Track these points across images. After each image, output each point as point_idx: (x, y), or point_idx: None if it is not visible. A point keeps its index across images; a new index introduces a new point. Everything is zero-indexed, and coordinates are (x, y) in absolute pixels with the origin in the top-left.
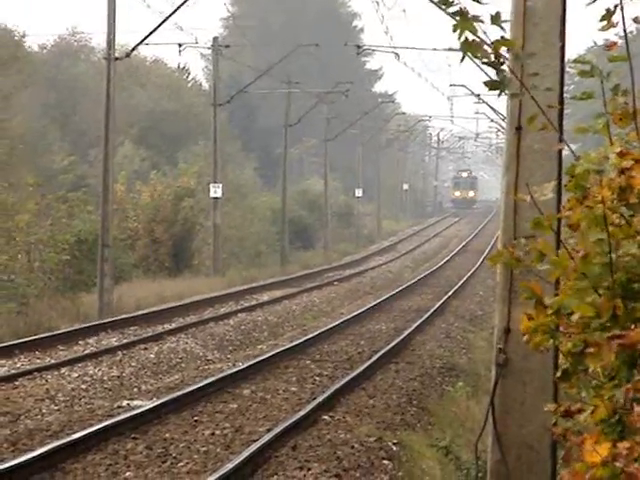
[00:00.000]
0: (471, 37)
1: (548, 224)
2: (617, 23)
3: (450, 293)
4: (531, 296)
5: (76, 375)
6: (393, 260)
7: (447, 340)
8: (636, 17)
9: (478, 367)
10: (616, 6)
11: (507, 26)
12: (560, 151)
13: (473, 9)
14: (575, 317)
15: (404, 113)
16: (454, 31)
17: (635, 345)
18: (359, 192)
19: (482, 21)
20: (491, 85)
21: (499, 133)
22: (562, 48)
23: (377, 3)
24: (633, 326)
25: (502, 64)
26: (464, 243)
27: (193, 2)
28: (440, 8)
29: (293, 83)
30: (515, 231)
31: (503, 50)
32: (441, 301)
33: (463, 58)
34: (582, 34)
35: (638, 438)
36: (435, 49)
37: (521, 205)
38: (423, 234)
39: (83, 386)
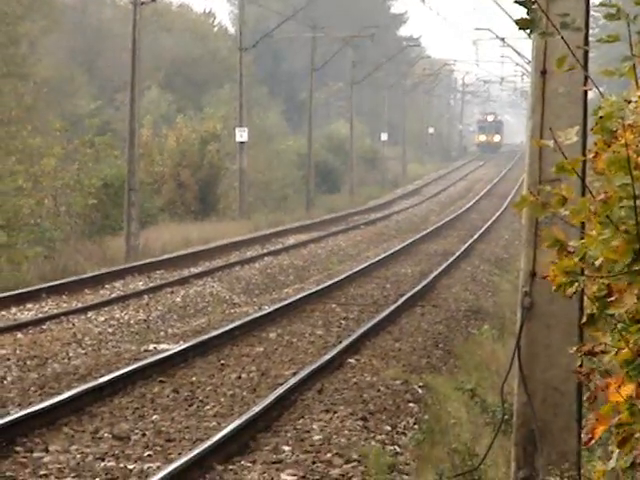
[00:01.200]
0: None
1: (572, 168)
2: None
3: (475, 237)
4: (554, 243)
5: (103, 319)
6: (418, 204)
7: (473, 283)
8: None
9: (504, 310)
10: None
11: None
12: (585, 94)
13: None
14: (598, 261)
15: (429, 57)
16: None
17: None
18: (384, 136)
19: None
20: (522, 23)
21: (524, 77)
22: None
23: None
24: None
25: (534, 3)
26: (489, 187)
27: None
28: None
29: (318, 28)
30: (540, 175)
31: None
32: (466, 244)
33: None
34: None
35: None
36: None
37: (546, 149)
38: (448, 178)
39: (110, 330)
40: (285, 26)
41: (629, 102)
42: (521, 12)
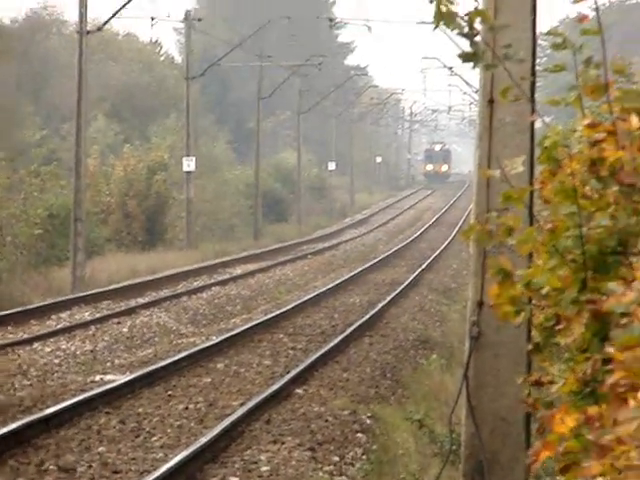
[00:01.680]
0: (445, 8)
1: (518, 198)
2: None
3: (424, 266)
4: (499, 272)
5: (49, 350)
6: (367, 233)
7: (421, 313)
8: None
9: (452, 340)
10: None
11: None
12: (532, 124)
13: None
14: (545, 290)
15: (377, 86)
16: (431, 2)
17: (606, 314)
18: (332, 165)
19: None
20: (465, 57)
21: (472, 106)
22: (533, 21)
23: None
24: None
25: (476, 35)
26: (438, 216)
27: None
28: None
29: (266, 56)
30: (488, 204)
31: (476, 22)
32: (415, 274)
33: (436, 27)
34: (554, 7)
35: (611, 407)
36: (408, 22)
37: (494, 178)
38: (396, 207)
39: (56, 361)
40: (232, 55)
41: (575, 131)
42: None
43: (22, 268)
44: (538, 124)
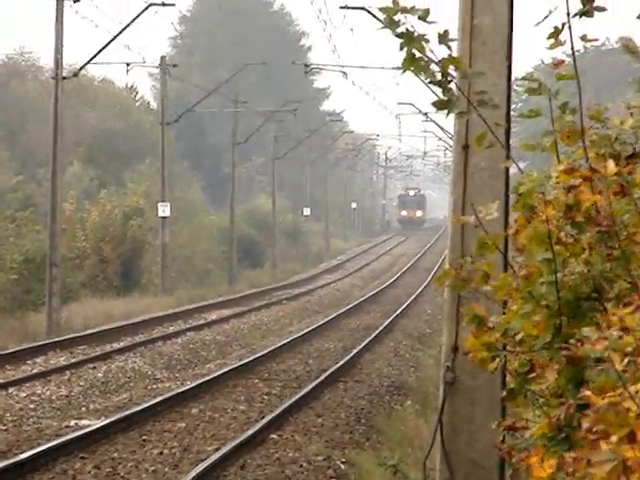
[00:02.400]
0: (418, 55)
1: (493, 244)
2: (565, 41)
3: (398, 311)
4: (473, 318)
5: (24, 395)
6: (342, 279)
7: (395, 359)
8: (584, 35)
9: (427, 385)
10: (564, 24)
11: (454, 45)
12: (507, 169)
13: (420, 28)
14: (519, 336)
15: (352, 131)
16: (401, 49)
17: (580, 360)
18: (307, 211)
19: (428, 40)
20: (439, 105)
21: (447, 151)
22: (509, 67)
23: (325, 22)
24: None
25: (449, 83)
26: (413, 261)
27: (141, 21)
28: (389, 28)
29: (241, 102)
30: (462, 250)
31: (450, 69)
32: (389, 319)
33: (404, 71)
34: (529, 53)
35: (585, 451)
36: (383, 67)
37: (468, 224)
38: (371, 252)
39: (31, 406)
40: (208, 100)
41: (550, 177)
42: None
43: None
44: (513, 170)
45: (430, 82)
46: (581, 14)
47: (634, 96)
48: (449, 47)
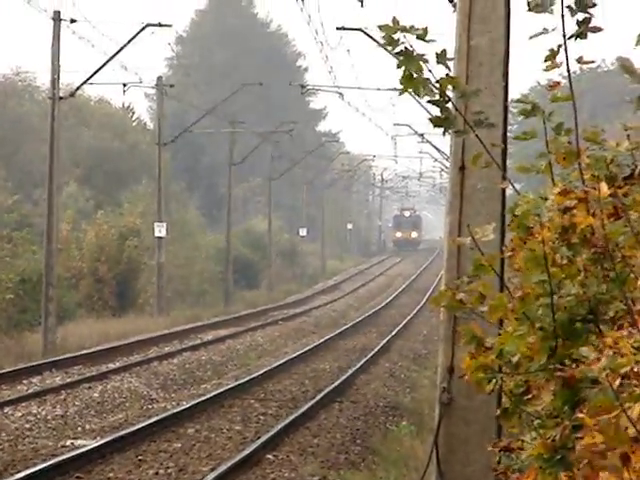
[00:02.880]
0: (416, 75)
1: (489, 265)
2: (561, 63)
3: (394, 332)
4: (471, 340)
5: (20, 414)
6: (337, 299)
7: (391, 379)
8: (580, 57)
9: (422, 406)
10: (559, 46)
11: (451, 64)
12: (504, 190)
13: (419, 47)
14: (515, 359)
15: (348, 152)
16: (398, 68)
17: (576, 382)
18: (303, 231)
19: (427, 60)
20: (436, 122)
21: (443, 173)
22: (505, 87)
23: (321, 43)
24: (574, 366)
25: (447, 102)
26: (409, 282)
27: (137, 42)
28: (385, 49)
29: (237, 122)
30: (459, 271)
31: (447, 88)
32: (385, 340)
33: (402, 92)
34: (526, 74)
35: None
36: (379, 89)
37: (464, 245)
38: (367, 273)
39: (27, 425)
40: (204, 121)
41: (546, 199)
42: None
43: None
44: (510, 190)
45: (428, 101)
46: (576, 36)
47: (631, 117)
48: (447, 67)
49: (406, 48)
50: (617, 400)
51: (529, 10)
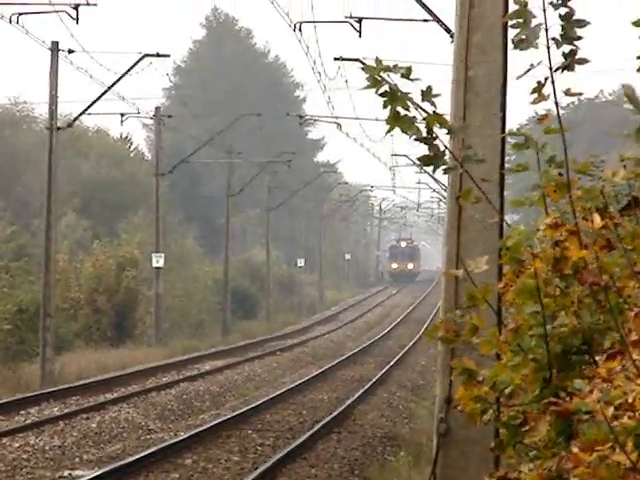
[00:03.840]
0: (403, 112)
1: (482, 297)
2: (548, 96)
3: (392, 363)
4: (463, 372)
5: (17, 445)
6: (335, 330)
7: (389, 410)
8: (567, 89)
9: (420, 437)
10: (546, 79)
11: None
12: (501, 222)
13: (405, 85)
14: (509, 390)
15: (346, 183)
16: (384, 108)
17: (570, 414)
18: (301, 262)
19: (411, 98)
20: (425, 160)
21: (441, 203)
22: (503, 118)
23: (319, 74)
24: (568, 398)
25: (435, 139)
26: (406, 313)
27: (135, 72)
28: (371, 87)
29: (235, 153)
30: (456, 301)
31: (435, 125)
32: (383, 371)
33: (388, 131)
34: (524, 104)
35: None
36: (377, 119)
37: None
38: (365, 304)
39: (24, 456)
40: (202, 151)
41: (537, 230)
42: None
43: None
44: (509, 220)
45: (415, 139)
46: (563, 68)
47: (631, 146)
48: (433, 104)
49: (390, 87)
50: (612, 433)
51: (514, 48)
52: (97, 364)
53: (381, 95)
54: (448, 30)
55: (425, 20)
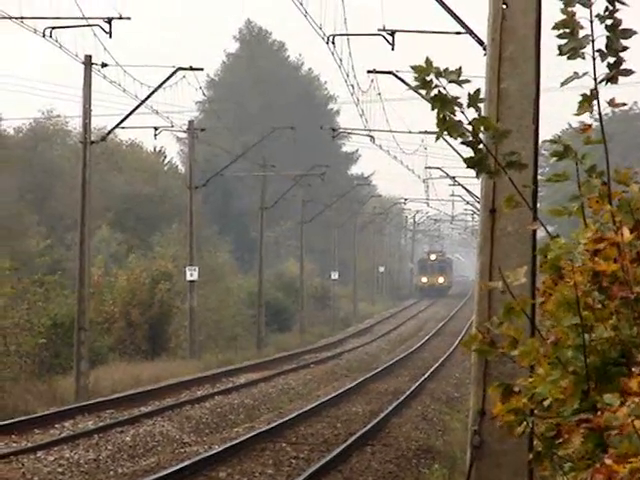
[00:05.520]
0: (449, 117)
1: (520, 310)
2: (593, 107)
3: (426, 375)
4: (500, 385)
5: (52, 459)
6: (369, 342)
7: (423, 422)
8: (611, 99)
9: (454, 449)
10: (592, 90)
11: (481, 107)
12: (534, 233)
13: (449, 88)
14: (547, 402)
15: (380, 196)
16: (432, 109)
17: (602, 429)
18: (335, 275)
19: (461, 104)
20: (470, 162)
21: (475, 215)
22: (536, 130)
23: (352, 86)
24: (599, 412)
25: (479, 143)
26: (440, 325)
27: (168, 86)
28: (417, 92)
29: (269, 166)
30: (489, 313)
31: (480, 130)
32: (417, 383)
33: (438, 137)
34: (556, 117)
35: None
36: (410, 132)
37: (496, 288)
38: (399, 316)
39: (59, 469)
40: (235, 164)
41: (578, 244)
42: (471, 150)
43: (26, 377)
44: (541, 233)
45: (462, 143)
46: (607, 80)
47: None
48: (478, 109)
49: (440, 92)
50: None
51: (560, 54)
52: (131, 377)
53: (431, 99)
54: (481, 42)
55: (458, 33)
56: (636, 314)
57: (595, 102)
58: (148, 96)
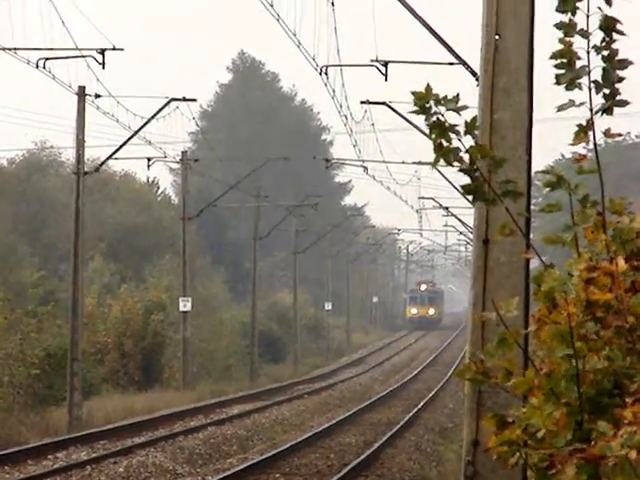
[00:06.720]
0: (445, 144)
1: (513, 341)
2: (588, 137)
3: (420, 405)
4: (496, 415)
5: None
6: (363, 373)
7: (417, 453)
8: (607, 130)
9: None
10: (588, 121)
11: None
12: (527, 264)
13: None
14: (540, 433)
15: (373, 226)
16: (430, 135)
17: (597, 459)
18: (328, 305)
19: (458, 132)
20: (468, 189)
21: (468, 246)
22: (529, 161)
23: (345, 117)
24: (593, 442)
25: (476, 171)
26: (433, 356)
27: (162, 117)
28: (411, 124)
29: (262, 196)
30: (483, 344)
31: (477, 157)
32: (411, 414)
33: (435, 164)
34: (549, 147)
35: None
36: (404, 162)
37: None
38: (393, 347)
39: None
40: (229, 195)
41: (572, 275)
42: (464, 181)
43: (19, 408)
44: (534, 263)
45: (459, 170)
46: (603, 111)
47: None
48: (475, 136)
49: (438, 119)
50: (636, 477)
51: (557, 84)
52: (124, 408)
53: (429, 125)
54: (474, 73)
55: (451, 63)
56: (630, 344)
57: (591, 132)
58: (141, 127)
